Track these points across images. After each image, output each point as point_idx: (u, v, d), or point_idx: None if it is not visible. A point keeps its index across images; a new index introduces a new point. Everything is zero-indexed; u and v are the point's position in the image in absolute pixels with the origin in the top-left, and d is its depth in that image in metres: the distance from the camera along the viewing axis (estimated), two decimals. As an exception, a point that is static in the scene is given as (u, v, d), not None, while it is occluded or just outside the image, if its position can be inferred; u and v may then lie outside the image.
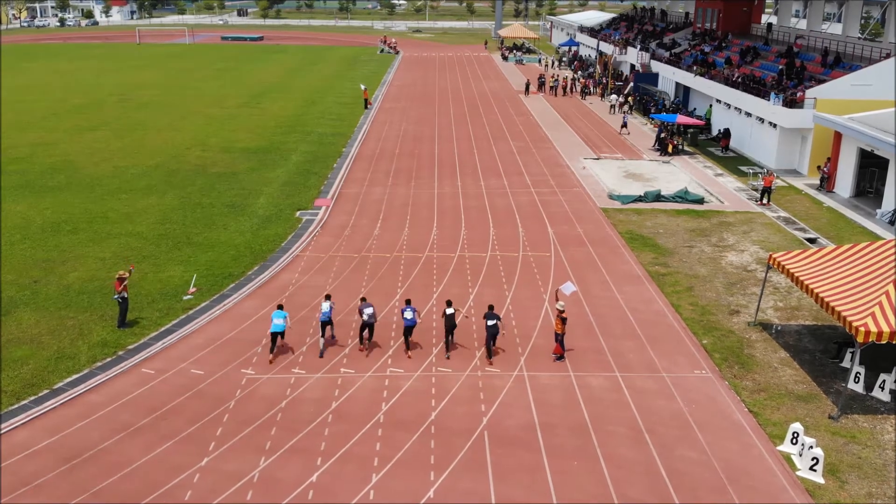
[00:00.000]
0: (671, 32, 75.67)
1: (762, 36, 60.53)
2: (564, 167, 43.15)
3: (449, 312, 21.02)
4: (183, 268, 27.34)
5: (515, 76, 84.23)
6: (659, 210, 35.00)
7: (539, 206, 35.52)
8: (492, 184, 39.36)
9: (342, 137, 50.48)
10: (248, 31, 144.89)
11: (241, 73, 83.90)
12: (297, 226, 32.28)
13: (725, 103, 50.51)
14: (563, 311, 20.96)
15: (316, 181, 39.36)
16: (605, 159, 45.34)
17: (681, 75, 59.03)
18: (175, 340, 22.05)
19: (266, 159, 43.75)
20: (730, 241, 31.02)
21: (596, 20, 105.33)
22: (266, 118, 56.53)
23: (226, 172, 40.69)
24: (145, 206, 34.66)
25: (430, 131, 52.97)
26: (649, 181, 40.32)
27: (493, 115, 59.60)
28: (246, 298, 24.91)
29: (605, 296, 25.23)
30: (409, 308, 21.13)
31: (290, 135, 50.77)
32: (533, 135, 52.31)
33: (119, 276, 22.90)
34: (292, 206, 34.92)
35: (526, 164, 43.62)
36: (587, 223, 32.97)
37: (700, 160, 45.49)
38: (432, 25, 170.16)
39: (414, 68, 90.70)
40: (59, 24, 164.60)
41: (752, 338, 22.60)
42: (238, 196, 36.30)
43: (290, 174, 40.55)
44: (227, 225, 32.06)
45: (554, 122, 57.46)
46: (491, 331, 20.62)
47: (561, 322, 20.81)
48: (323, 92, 70.55)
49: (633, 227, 32.40)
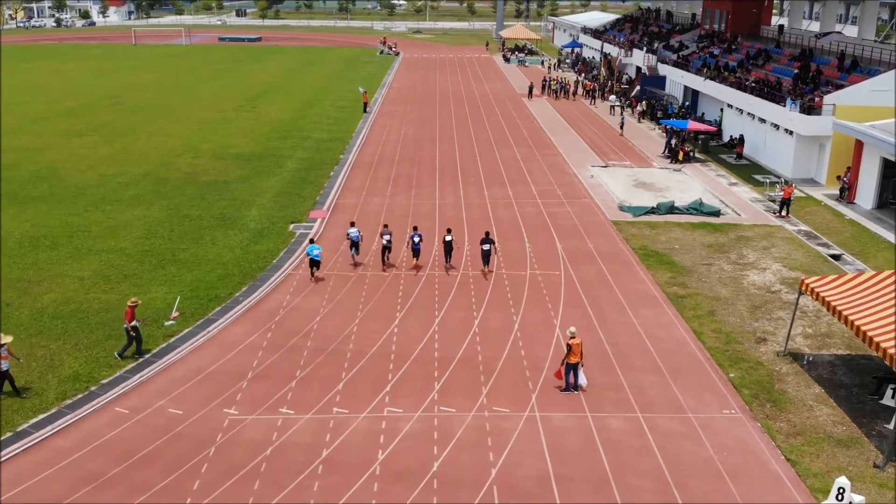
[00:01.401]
0: (678, 34, 73.81)
1: (773, 38, 58.70)
2: (571, 175, 41.29)
3: (448, 240, 27.08)
4: (166, 288, 25.48)
5: (518, 78, 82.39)
6: (673, 223, 33.15)
7: (546, 218, 33.66)
8: (496, 193, 37.51)
9: (340, 143, 48.63)
10: (247, 31, 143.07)
11: (238, 74, 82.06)
12: (291, 240, 30.43)
13: (737, 108, 48.65)
14: (575, 338, 19.13)
15: (311, 191, 37.50)
16: (614, 167, 43.48)
17: (690, 78, 57.17)
18: (153, 373, 20.20)
19: (260, 167, 41.89)
20: (750, 257, 29.16)
21: (599, 21, 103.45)
22: (261, 122, 54.68)
23: (217, 181, 38.83)
24: (130, 218, 32.81)
25: (430, 135, 51.14)
26: (661, 191, 38.47)
27: (495, 119, 57.76)
28: (232, 324, 23.05)
29: (621, 321, 23.37)
30: (416, 234, 27.31)
31: (286, 140, 48.92)
32: (537, 140, 50.46)
33: (131, 305, 20.95)
34: (286, 218, 33.06)
35: (531, 172, 41.77)
36: (598, 237, 31.11)
37: (713, 168, 43.64)
38: (432, 26, 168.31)
39: (414, 70, 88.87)
40: (56, 24, 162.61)
41: (783, 370, 20.75)
42: (229, 207, 34.44)
43: (284, 183, 38.70)
44: (215, 239, 30.20)
45: (558, 126, 55.61)
46: (485, 254, 26.86)
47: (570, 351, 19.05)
48: (321, 94, 68.70)
49: (647, 242, 30.54)
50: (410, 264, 27.69)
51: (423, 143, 48.82)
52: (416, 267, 27.55)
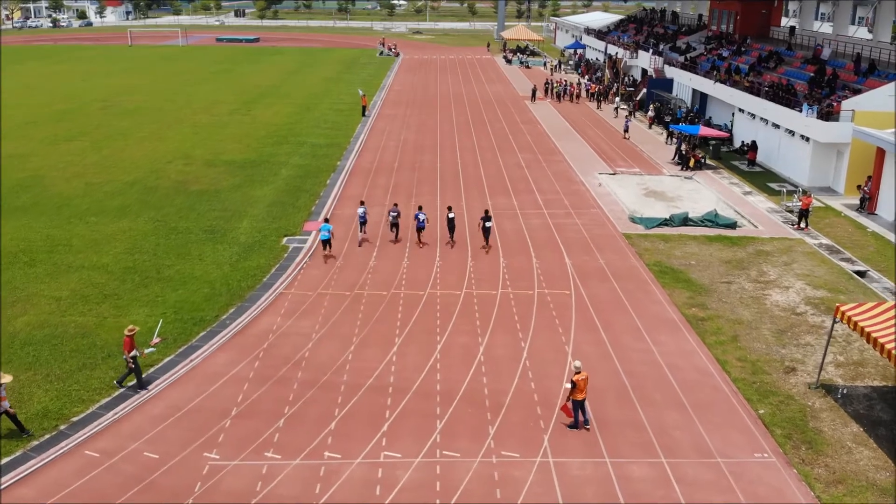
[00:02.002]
0: (684, 35, 72.11)
1: (784, 40, 57.00)
2: (578, 184, 39.54)
3: (450, 217, 29.81)
4: (148, 310, 23.75)
5: (520, 80, 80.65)
6: (688, 236, 31.41)
7: (553, 230, 31.93)
8: (500, 203, 35.77)
9: (337, 148, 46.89)
10: (245, 32, 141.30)
11: (234, 76, 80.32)
12: (283, 255, 28.69)
13: (750, 113, 46.91)
14: (580, 373, 17.43)
15: (306, 201, 35.76)
16: (622, 174, 41.74)
17: (698, 81, 55.42)
18: (129, 409, 18.47)
19: (253, 174, 40.15)
20: (771, 275, 27.43)
21: (602, 22, 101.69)
22: (257, 127, 52.93)
23: (208, 190, 37.09)
24: (115, 231, 31.07)
25: (431, 140, 49.41)
26: (672, 200, 36.74)
27: (497, 123, 56.03)
28: (217, 351, 21.31)
29: (638, 348, 21.63)
30: (420, 213, 29.69)
31: (282, 146, 47.17)
32: (542, 145, 48.72)
33: (128, 333, 19.23)
34: (278, 231, 31.32)
35: (536, 180, 40.03)
36: (609, 252, 29.37)
37: (725, 175, 41.90)
38: (433, 26, 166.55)
39: (414, 71, 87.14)
40: (52, 24, 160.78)
41: (816, 405, 19.01)
42: (219, 219, 32.70)
43: (278, 192, 36.96)
44: (203, 255, 28.46)
45: (563, 131, 53.86)
46: (485, 230, 29.34)
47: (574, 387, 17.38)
48: (319, 97, 66.95)
49: (662, 258, 28.80)
50: (415, 240, 30.27)
51: (424, 149, 47.08)
52: (420, 243, 29.86)
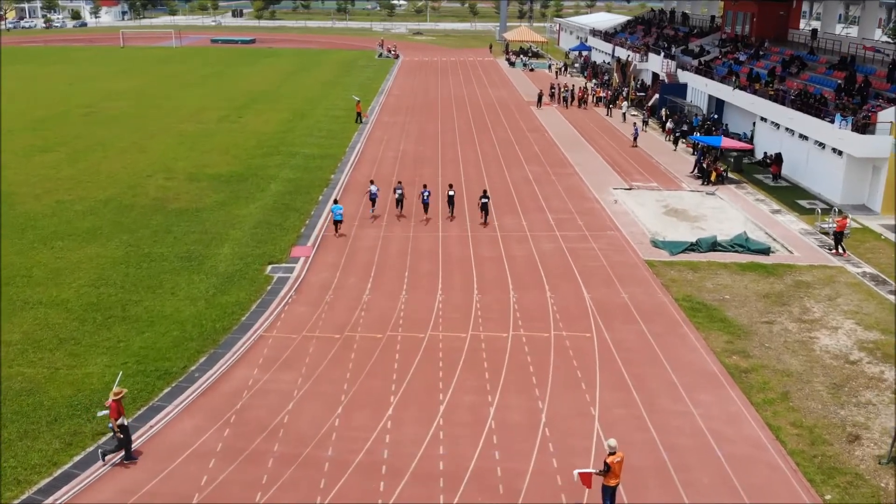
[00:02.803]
0: (696, 38, 68.98)
1: (804, 44, 53.88)
2: (592, 201, 36.43)
3: (450, 194, 33.00)
4: (108, 358, 20.67)
5: (524, 84, 77.56)
6: (717, 263, 28.30)
7: (568, 256, 28.82)
8: (508, 224, 32.68)
9: (331, 160, 43.78)
10: (241, 32, 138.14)
11: (227, 80, 77.20)
12: (266, 288, 25.59)
13: (773, 123, 43.79)
14: (615, 454, 14.38)
15: (295, 221, 32.65)
16: (639, 189, 38.63)
17: (715, 87, 52.32)
18: (72, 495, 15.35)
19: (239, 190, 37.04)
20: (815, 312, 24.31)
21: (609, 23, 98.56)
22: (246, 135, 49.81)
23: (188, 209, 33.98)
24: (81, 258, 27.97)
25: (432, 151, 46.31)
26: (696, 220, 33.64)
27: (502, 132, 52.92)
28: (182, 415, 18.19)
29: (677, 410, 18.49)
30: (426, 191, 32.76)
31: (272, 157, 44.06)
32: (550, 156, 45.61)
33: (115, 397, 16.22)
34: (263, 257, 28.22)
35: (546, 197, 36.91)
36: (632, 284, 26.25)
37: (749, 191, 38.79)
38: (433, 27, 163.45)
39: (414, 74, 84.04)
40: (45, 25, 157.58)
41: (891, 487, 15.90)
42: (198, 243, 29.59)
43: (265, 211, 33.85)
44: (176, 288, 25.35)
45: (572, 140, 50.75)
46: (483, 206, 32.39)
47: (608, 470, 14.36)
48: (314, 102, 63.85)
49: (692, 291, 25.67)
50: (420, 217, 33.08)
51: (424, 161, 43.96)
52: (425, 220, 32.83)
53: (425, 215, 32.99)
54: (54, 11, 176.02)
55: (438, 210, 34.05)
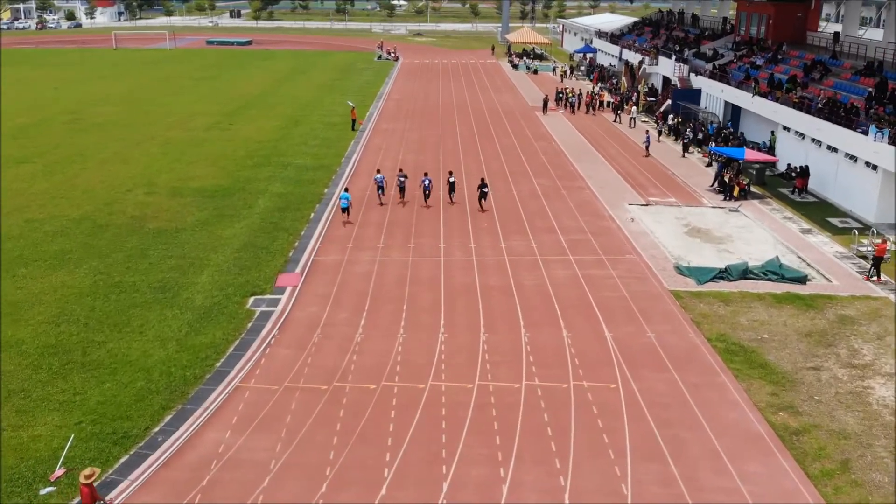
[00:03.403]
0: (708, 40, 66.18)
1: (825, 47, 51.08)
2: (607, 219, 33.64)
3: (451, 181, 34.94)
4: (61, 416, 17.90)
5: (528, 88, 74.78)
6: (751, 294, 25.49)
7: (584, 286, 26.02)
8: (516, 246, 29.91)
9: (326, 172, 41.00)
10: (238, 34, 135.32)
11: (220, 83, 74.39)
12: (247, 325, 22.81)
13: (797, 132, 40.99)
14: None
15: (284, 242, 29.88)
16: (657, 205, 35.83)
17: (733, 94, 49.51)
18: None
19: (224, 207, 34.26)
20: (866, 355, 21.52)
21: (615, 24, 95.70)
22: (236, 145, 47.03)
23: (168, 229, 31.20)
24: (45, 288, 25.19)
25: (433, 162, 43.52)
26: (722, 242, 30.84)
27: (507, 139, 50.15)
28: (139, 493, 15.39)
29: (723, 487, 15.68)
30: (426, 178, 34.61)
31: (262, 168, 41.28)
32: (559, 168, 42.82)
33: (85, 481, 13.82)
34: (245, 287, 25.43)
35: (557, 214, 34.13)
36: (658, 320, 23.45)
37: (775, 207, 36.00)
38: (434, 28, 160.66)
39: (414, 77, 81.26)
40: (39, 26, 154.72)
41: None
42: (175, 269, 26.82)
43: (250, 231, 31.07)
44: (146, 325, 22.58)
45: (581, 149, 47.96)
46: (483, 194, 33.97)
47: None
48: (310, 108, 61.06)
49: (726, 329, 22.87)
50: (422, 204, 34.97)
51: (425, 171, 41.11)
52: (426, 206, 34.68)
53: (426, 203, 34.99)
54: (50, 12, 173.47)
55: (440, 221, 31.35)
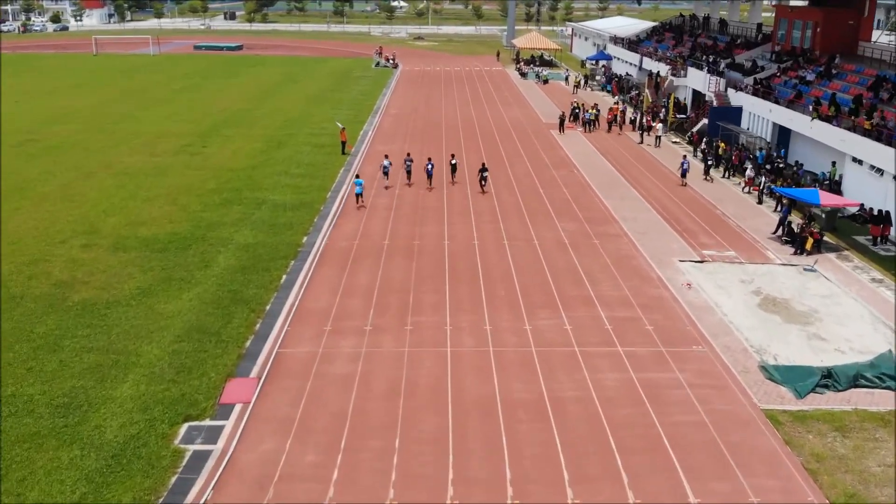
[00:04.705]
0: (742, 49, 59.27)
1: (886, 61, 44.17)
2: (656, 283, 26.71)
3: (453, 163, 39.08)
4: None
5: (540, 100, 67.92)
6: (870, 413, 18.59)
7: (647, 403, 19.05)
8: (543, 326, 23.03)
9: (307, 212, 34.12)
10: (229, 37, 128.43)
11: (200, 95, 67.50)
12: (171, 479, 15.89)
13: (875, 168, 34.12)
14: None
15: (241, 324, 22.97)
16: (713, 262, 28.95)
17: (784, 115, 42.64)
18: None
19: (175, 266, 27.37)
20: None
21: (631, 29, 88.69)
22: (205, 174, 40.14)
23: (97, 302, 24.29)
24: None
25: (436, 198, 36.68)
26: (807, 319, 23.94)
27: (521, 166, 43.29)
28: None
29: None
30: (430, 163, 38.17)
31: (231, 208, 34.41)
32: (586, 205, 35.91)
33: None
34: (177, 406, 18.49)
35: (592, 276, 27.22)
36: (758, 469, 16.50)
37: (856, 263, 29.13)
38: (435, 31, 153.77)
39: (415, 87, 74.41)
40: (22, 29, 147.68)
41: None
42: (90, 373, 19.92)
43: (202, 305, 24.16)
44: (28, 482, 15.63)
45: (608, 178, 41.05)
46: (483, 179, 37.22)
47: None
48: (297, 125, 54.21)
49: (854, 482, 15.93)
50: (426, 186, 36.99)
51: (427, 214, 34.28)
52: (429, 189, 37.21)
53: (430, 184, 38.01)
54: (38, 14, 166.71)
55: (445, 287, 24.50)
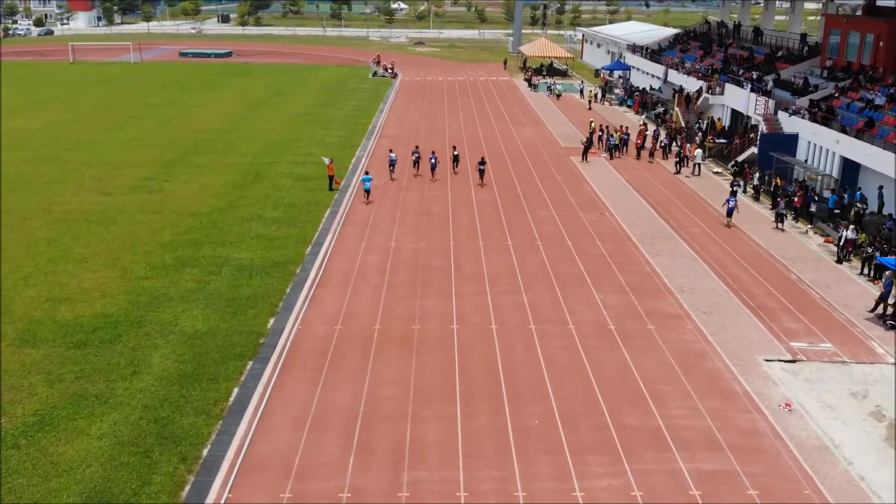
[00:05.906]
0: (784, 63, 52.23)
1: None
2: (743, 401, 19.60)
3: (455, 154, 41.21)
4: None
5: (554, 116, 60.94)
6: None
7: None
8: (600, 492, 15.96)
9: (278, 278, 27.08)
10: (220, 42, 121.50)
11: (175, 112, 60.44)
12: None
13: None
14: None
15: (163, 487, 15.89)
16: (808, 360, 21.88)
17: (857, 149, 35.58)
18: None
19: (93, 373, 20.30)
20: None
21: (648, 36, 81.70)
22: (161, 220, 33.11)
23: (-35, 441, 17.27)
24: None
25: (440, 254, 29.71)
26: (969, 470, 16.91)
27: (543, 209, 36.24)
28: None
29: None
30: (433, 157, 39.92)
31: (183, 272, 27.34)
32: (629, 267, 28.82)
33: None
34: None
35: (654, 387, 20.13)
36: None
37: None
38: (437, 35, 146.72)
39: (415, 101, 67.44)
40: (3, 34, 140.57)
41: None
42: None
43: (114, 448, 17.07)
44: None
45: (650, 225, 33.99)
46: (481, 172, 39.14)
47: None
48: (279, 150, 47.25)
49: None
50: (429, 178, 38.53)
51: (430, 281, 27.17)
52: (433, 180, 39.20)
53: (433, 176, 39.43)
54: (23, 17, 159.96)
55: (458, 436, 17.44)
